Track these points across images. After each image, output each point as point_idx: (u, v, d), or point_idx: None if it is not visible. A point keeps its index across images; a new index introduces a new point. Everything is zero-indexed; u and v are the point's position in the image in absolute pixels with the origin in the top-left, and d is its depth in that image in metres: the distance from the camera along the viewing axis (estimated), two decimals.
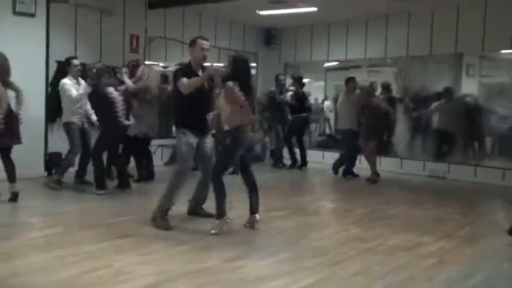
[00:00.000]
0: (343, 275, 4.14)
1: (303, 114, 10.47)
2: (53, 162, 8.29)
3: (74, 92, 7.20)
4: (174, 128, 5.72)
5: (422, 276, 4.18)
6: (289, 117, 10.37)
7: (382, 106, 9.22)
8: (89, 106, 7.59)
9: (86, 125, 7.51)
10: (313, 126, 12.38)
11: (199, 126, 5.42)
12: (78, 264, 4.09)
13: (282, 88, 10.53)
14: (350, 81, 9.54)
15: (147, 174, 8.14)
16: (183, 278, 3.91)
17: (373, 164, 9.20)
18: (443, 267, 4.44)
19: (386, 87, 10.20)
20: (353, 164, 9.54)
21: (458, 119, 9.99)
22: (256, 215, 5.47)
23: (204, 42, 5.48)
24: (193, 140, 5.41)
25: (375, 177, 9.14)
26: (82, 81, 7.36)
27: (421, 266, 4.43)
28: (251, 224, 5.45)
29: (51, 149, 8.29)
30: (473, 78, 10.25)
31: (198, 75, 5.36)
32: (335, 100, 10.94)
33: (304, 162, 10.47)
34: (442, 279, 4.14)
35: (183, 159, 5.42)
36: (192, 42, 5.52)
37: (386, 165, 10.56)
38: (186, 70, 5.46)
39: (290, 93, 10.39)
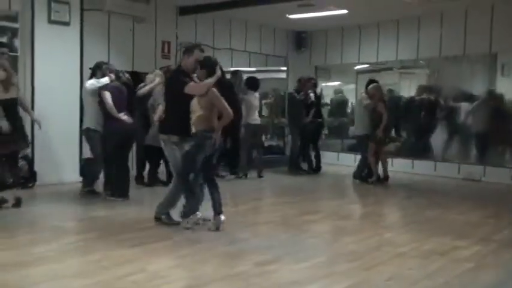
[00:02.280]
0: (377, 280, 4.10)
1: (319, 120, 10.30)
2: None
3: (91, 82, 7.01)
4: (166, 136, 5.43)
5: (458, 282, 4.10)
6: (307, 119, 10.08)
7: (379, 111, 8.90)
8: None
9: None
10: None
11: (189, 131, 5.27)
12: (113, 269, 4.15)
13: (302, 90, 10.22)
14: (369, 86, 9.21)
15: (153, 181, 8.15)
16: (217, 282, 3.93)
17: (373, 166, 9.05)
18: (479, 272, 4.35)
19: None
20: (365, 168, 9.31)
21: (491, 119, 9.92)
22: (221, 216, 5.36)
23: (200, 54, 5.39)
24: (183, 147, 5.35)
25: (373, 180, 9.03)
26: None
27: (456, 271, 4.35)
28: (216, 225, 5.36)
29: (85, 155, 8.43)
30: (508, 78, 10.03)
31: (192, 79, 5.29)
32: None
33: (318, 167, 10.31)
34: (479, 285, 4.06)
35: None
36: (189, 51, 5.43)
37: (419, 168, 10.45)
38: (185, 75, 5.35)
39: (312, 94, 10.16)
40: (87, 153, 8.35)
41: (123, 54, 9.01)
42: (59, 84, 7.36)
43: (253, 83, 9.56)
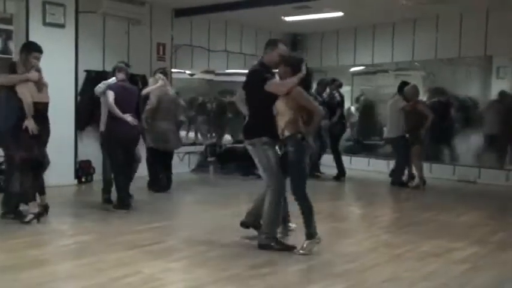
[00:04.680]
0: (374, 282, 4.09)
1: (343, 121, 10.08)
2: (83, 170, 8.43)
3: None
4: (250, 139, 4.93)
5: (455, 283, 4.10)
6: (328, 121, 9.68)
7: (421, 110, 8.71)
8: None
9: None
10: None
11: (276, 132, 4.80)
12: (108, 271, 4.12)
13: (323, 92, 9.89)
14: (404, 86, 8.97)
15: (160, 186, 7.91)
16: (212, 285, 3.91)
17: (419, 170, 8.85)
18: (476, 273, 4.35)
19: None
20: (403, 172, 9.09)
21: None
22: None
23: (284, 48, 4.96)
24: (275, 149, 4.85)
25: (419, 183, 8.78)
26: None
27: (453, 272, 4.35)
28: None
29: (80, 157, 8.41)
30: (503, 80, 10.06)
31: (273, 75, 4.86)
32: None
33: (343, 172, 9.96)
34: (475, 287, 4.05)
35: (276, 173, 4.80)
36: (272, 44, 4.97)
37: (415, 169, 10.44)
38: (267, 71, 4.88)
39: (337, 94, 9.89)
40: (82, 156, 8.38)
41: (119, 56, 8.92)
42: (54, 86, 7.28)
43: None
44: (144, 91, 7.68)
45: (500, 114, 9.74)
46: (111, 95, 6.46)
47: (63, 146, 7.89)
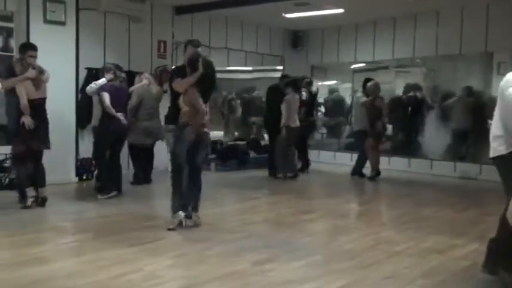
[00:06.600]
0: (374, 279, 4.09)
1: (311, 119, 10.28)
2: (84, 168, 8.44)
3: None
4: (165, 125, 5.73)
5: (455, 280, 4.10)
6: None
7: (379, 106, 9.12)
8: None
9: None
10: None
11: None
12: (109, 269, 4.13)
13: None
14: (367, 83, 9.41)
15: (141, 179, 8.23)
16: (213, 282, 3.91)
17: (372, 161, 9.30)
18: (477, 270, 4.33)
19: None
20: (363, 164, 9.53)
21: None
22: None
23: (192, 49, 5.61)
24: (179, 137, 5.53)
25: (372, 175, 9.26)
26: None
27: (453, 269, 4.35)
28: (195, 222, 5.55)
29: (81, 155, 8.41)
30: (504, 76, 10.00)
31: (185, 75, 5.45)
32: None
33: (307, 164, 10.26)
34: (476, 283, 4.06)
35: (172, 159, 5.55)
36: (185, 46, 5.77)
37: (415, 166, 10.44)
38: (181, 71, 5.55)
39: (304, 93, 9.91)
40: (83, 154, 8.38)
41: (119, 53, 8.98)
42: (55, 84, 7.31)
43: (295, 84, 9.51)
44: (129, 90, 7.76)
45: (468, 109, 9.99)
46: (107, 98, 6.91)
47: (65, 143, 7.90)
